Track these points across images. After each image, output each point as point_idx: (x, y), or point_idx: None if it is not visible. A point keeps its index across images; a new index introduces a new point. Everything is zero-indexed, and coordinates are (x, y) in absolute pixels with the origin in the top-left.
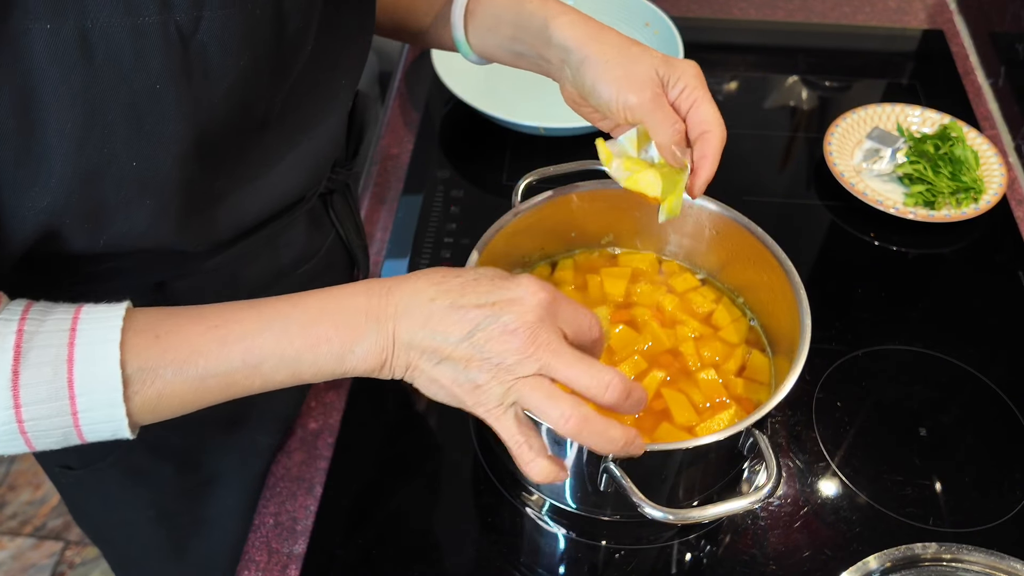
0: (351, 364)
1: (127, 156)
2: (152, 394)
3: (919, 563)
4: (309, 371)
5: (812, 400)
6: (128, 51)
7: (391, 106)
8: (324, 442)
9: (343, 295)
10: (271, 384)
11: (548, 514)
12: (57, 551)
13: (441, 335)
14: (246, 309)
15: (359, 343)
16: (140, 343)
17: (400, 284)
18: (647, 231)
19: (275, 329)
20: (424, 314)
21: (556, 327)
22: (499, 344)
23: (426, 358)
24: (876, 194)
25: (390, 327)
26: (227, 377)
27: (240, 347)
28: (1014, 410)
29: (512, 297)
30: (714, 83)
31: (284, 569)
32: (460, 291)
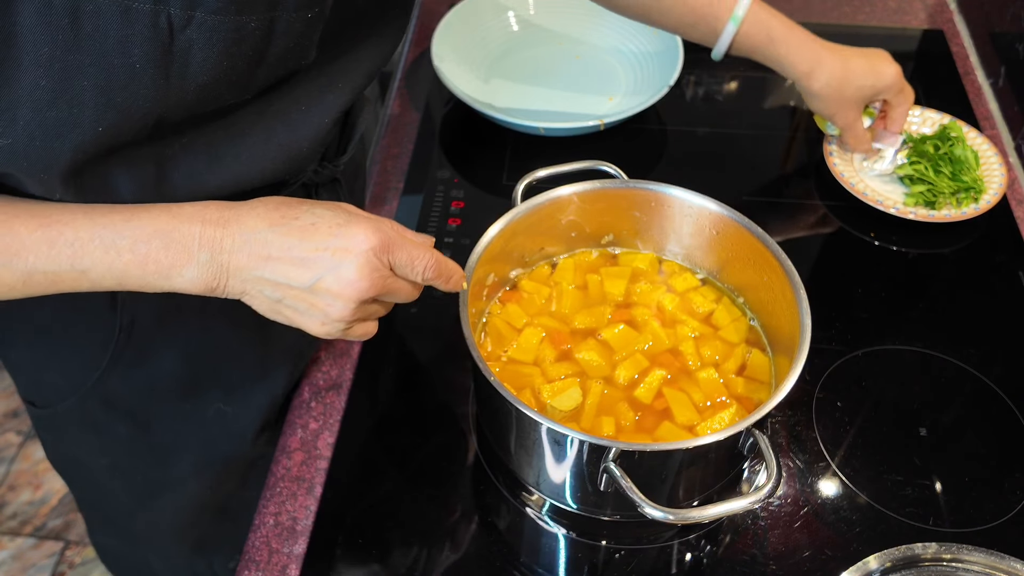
0: (178, 284)
1: (93, 121)
2: None
3: (919, 563)
4: (135, 284)
5: (812, 400)
6: (115, 31)
7: (391, 106)
8: (324, 442)
9: (179, 218)
10: (100, 288)
11: (548, 514)
12: (57, 551)
13: (283, 276)
14: (78, 213)
15: (188, 268)
16: None
17: (237, 217)
18: (647, 231)
19: (105, 240)
20: (263, 258)
21: (388, 269)
22: (341, 291)
23: (268, 291)
24: (876, 194)
25: (224, 259)
26: (54, 276)
27: (68, 252)
28: (1014, 410)
29: (349, 246)
30: (714, 83)
31: (284, 569)
32: (300, 236)
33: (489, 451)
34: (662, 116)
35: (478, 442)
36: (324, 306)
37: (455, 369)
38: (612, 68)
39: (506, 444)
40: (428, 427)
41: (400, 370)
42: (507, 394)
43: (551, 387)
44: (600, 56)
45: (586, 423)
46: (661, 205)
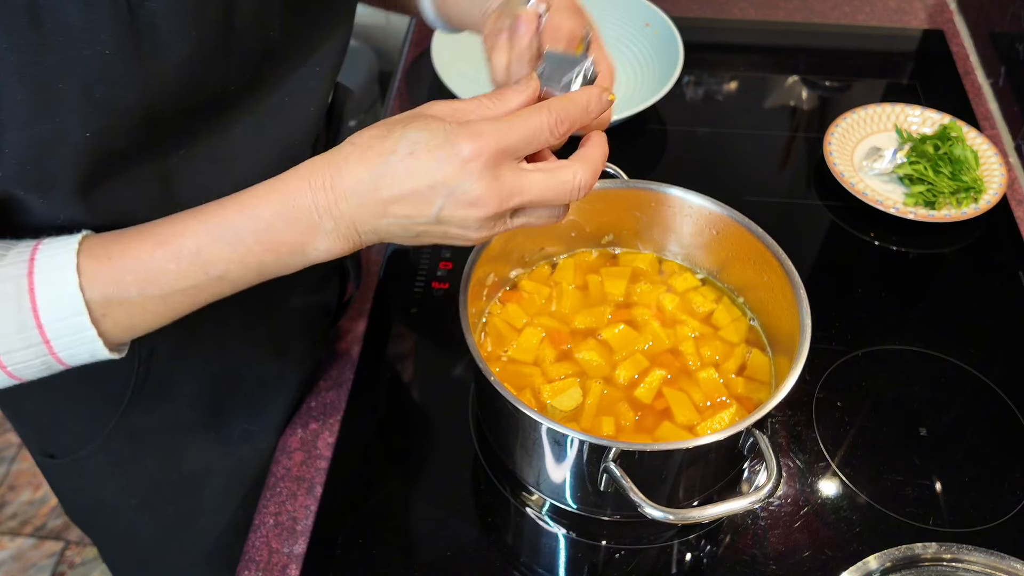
0: (317, 257)
1: (79, 127)
2: (123, 315)
3: (919, 563)
4: (274, 271)
5: (812, 400)
6: (77, 19)
7: (391, 106)
8: (324, 442)
9: (289, 194)
10: (241, 287)
11: (548, 514)
12: (57, 551)
13: (405, 217)
14: (191, 220)
15: (319, 239)
16: (95, 267)
17: (339, 172)
18: (647, 231)
19: (228, 239)
20: (380, 204)
21: (512, 164)
22: (467, 213)
23: (400, 232)
24: (876, 194)
25: (348, 223)
26: (193, 290)
27: (198, 261)
28: (1014, 410)
29: (459, 167)
30: (714, 83)
31: (284, 569)
32: (405, 171)
33: (489, 451)
34: (662, 116)
35: (478, 442)
36: (457, 232)
37: (455, 369)
38: None
39: (506, 444)
40: (428, 427)
41: (400, 370)
42: (507, 394)
43: (551, 387)
44: None
45: (586, 423)
46: (661, 205)
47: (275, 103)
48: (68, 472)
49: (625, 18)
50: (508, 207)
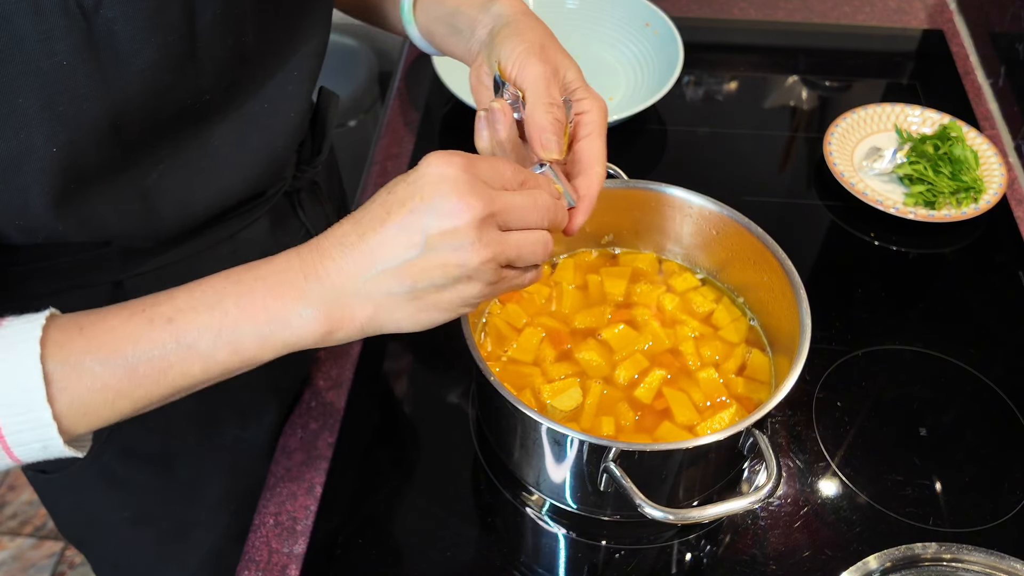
0: (299, 330)
1: (46, 142)
2: (81, 391)
3: (919, 563)
4: (252, 345)
5: (812, 400)
6: (31, 31)
7: (391, 106)
8: (324, 442)
9: (276, 260)
10: (213, 366)
11: (548, 514)
12: (57, 551)
13: (396, 259)
14: (176, 290)
15: (304, 306)
16: (62, 338)
17: (326, 236)
18: (647, 231)
19: (207, 302)
20: (366, 252)
21: (483, 183)
22: (451, 226)
23: (394, 287)
24: (876, 194)
25: (334, 279)
26: (160, 362)
27: (170, 327)
28: (1014, 410)
29: (428, 182)
30: (714, 83)
31: (284, 569)
32: (382, 207)
33: (489, 451)
34: (662, 116)
35: (478, 442)
36: (453, 257)
37: (455, 369)
38: (612, 68)
39: (506, 444)
40: (428, 427)
41: (400, 370)
42: (507, 394)
43: (551, 387)
44: (600, 56)
45: (586, 423)
46: (661, 205)
47: (254, 110)
48: (60, 487)
49: (625, 18)
50: (489, 211)
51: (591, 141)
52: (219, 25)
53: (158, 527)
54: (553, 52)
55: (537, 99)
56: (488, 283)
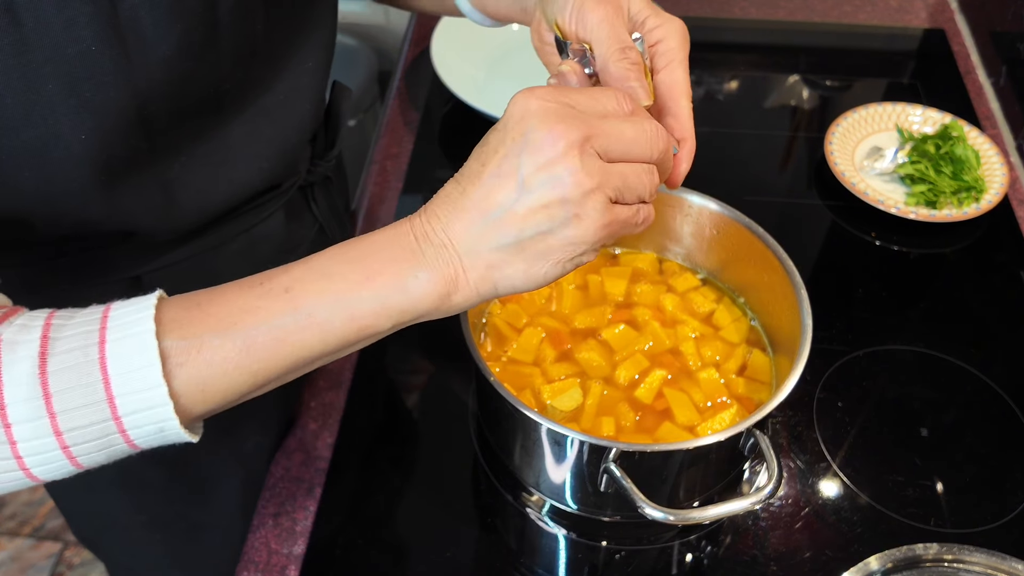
0: (416, 292)
1: (72, 129)
2: (199, 365)
3: (920, 564)
4: (370, 311)
5: (813, 400)
6: (56, 16)
7: (391, 106)
8: (324, 442)
9: (390, 227)
10: (331, 336)
11: (548, 514)
12: (56, 552)
13: (499, 209)
14: (292, 264)
15: (419, 268)
16: (179, 313)
17: (433, 200)
18: (647, 231)
19: (324, 271)
20: (470, 208)
21: (573, 108)
22: (547, 159)
23: (507, 248)
24: (877, 194)
25: (444, 240)
26: (279, 331)
27: (287, 296)
28: (1015, 410)
29: (514, 121)
30: (714, 83)
31: (284, 569)
32: (479, 160)
33: (489, 451)
34: None
35: (478, 442)
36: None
37: (455, 369)
38: None
39: (506, 444)
40: (428, 427)
41: (400, 370)
42: (507, 394)
43: (551, 387)
44: None
45: (586, 423)
46: (661, 205)
47: (268, 103)
48: (77, 490)
49: None
50: (584, 136)
51: (670, 72)
52: (237, 13)
53: (172, 530)
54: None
55: (606, 48)
56: (597, 222)
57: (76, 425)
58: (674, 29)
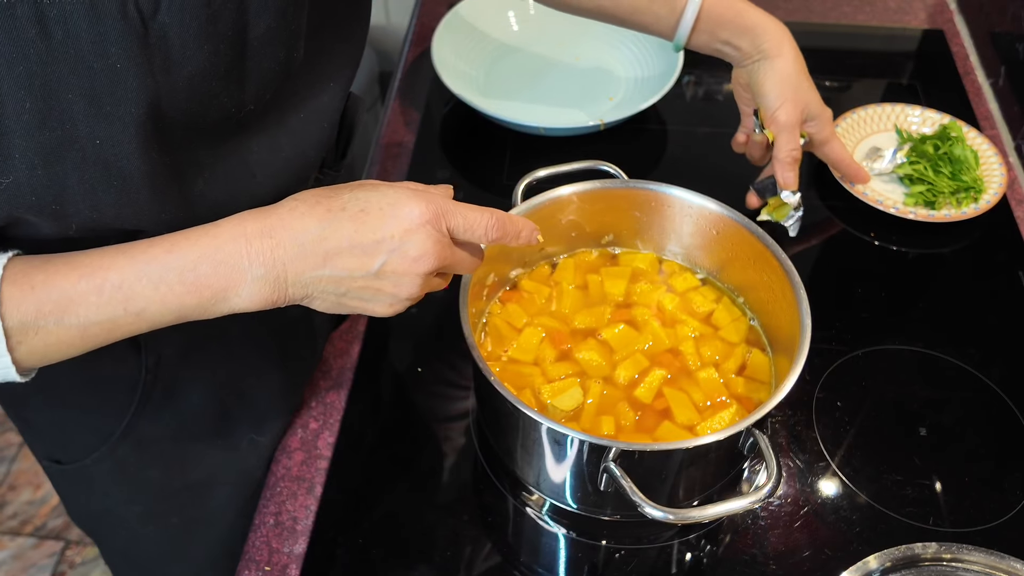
0: (237, 304)
1: (88, 135)
2: (38, 344)
3: (919, 563)
4: (194, 314)
5: (812, 400)
6: (86, 32)
7: (391, 106)
8: (324, 442)
9: (220, 238)
10: (159, 326)
11: (548, 514)
12: (57, 551)
13: (346, 272)
14: (119, 255)
15: (243, 286)
16: (16, 293)
17: (281, 223)
18: (647, 231)
19: (152, 276)
20: (321, 255)
21: (448, 238)
22: (406, 269)
23: (330, 288)
24: (876, 194)
25: (280, 271)
26: (110, 324)
27: (119, 296)
28: (1014, 410)
29: (405, 225)
30: (714, 83)
31: (284, 569)
32: (353, 225)
33: (489, 451)
34: (662, 116)
35: (478, 442)
36: (391, 288)
37: (455, 369)
38: (612, 68)
39: (506, 444)
40: (428, 427)
41: (400, 370)
42: (507, 394)
43: (551, 387)
44: (600, 56)
45: (586, 423)
46: (661, 205)
47: (291, 122)
48: (74, 479)
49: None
50: (443, 266)
51: (830, 147)
52: (271, 38)
53: (168, 523)
54: (801, 98)
55: (783, 144)
56: (398, 309)
57: None
58: (827, 119)
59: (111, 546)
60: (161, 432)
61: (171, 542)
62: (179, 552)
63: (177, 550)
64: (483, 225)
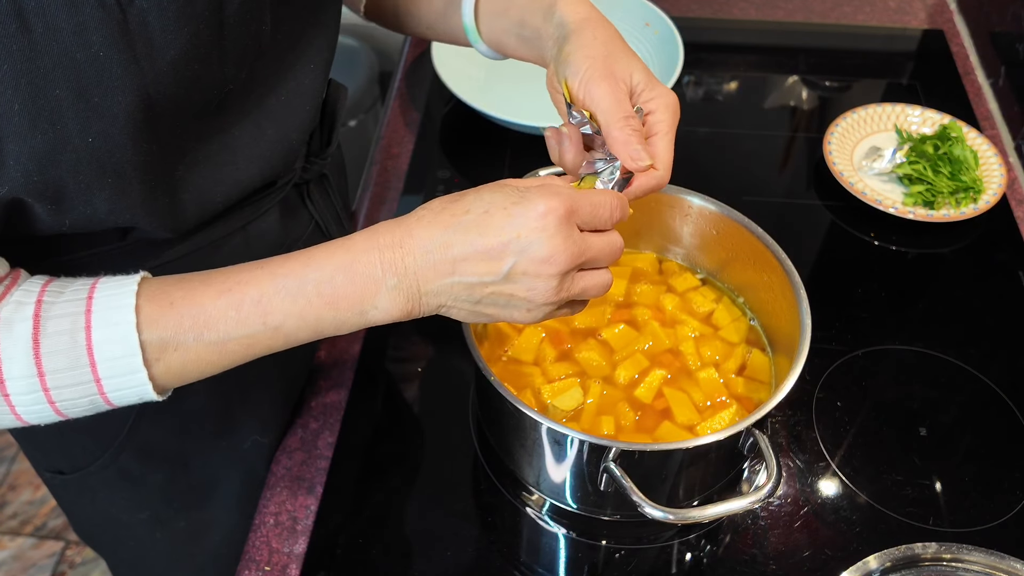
0: (374, 316)
1: (80, 133)
2: (176, 361)
3: (919, 563)
4: (330, 328)
5: (812, 400)
6: (66, 22)
7: (391, 106)
8: (324, 442)
9: (354, 251)
10: (294, 342)
11: (548, 514)
12: (57, 551)
13: (475, 277)
14: (256, 270)
15: (380, 297)
16: (155, 310)
17: (410, 231)
18: (647, 231)
19: (290, 289)
20: (448, 262)
21: (578, 231)
22: (539, 270)
23: (463, 299)
24: (876, 194)
25: (412, 280)
26: (249, 339)
27: (257, 311)
28: (1014, 410)
29: (530, 223)
30: (714, 83)
31: (284, 569)
32: (478, 229)
33: (489, 451)
34: None
35: (478, 442)
36: (524, 293)
37: (455, 369)
38: None
39: (506, 444)
40: (428, 427)
41: (400, 370)
42: (507, 394)
43: (551, 387)
44: None
45: (586, 423)
46: (661, 205)
47: (271, 104)
48: (77, 488)
49: (625, 18)
50: (577, 263)
51: (655, 142)
52: (243, 14)
53: (174, 528)
54: (616, 60)
55: (611, 116)
56: (538, 318)
57: (67, 397)
58: (666, 103)
59: (117, 555)
60: (164, 435)
61: (177, 546)
62: (184, 556)
63: (182, 554)
64: (608, 207)
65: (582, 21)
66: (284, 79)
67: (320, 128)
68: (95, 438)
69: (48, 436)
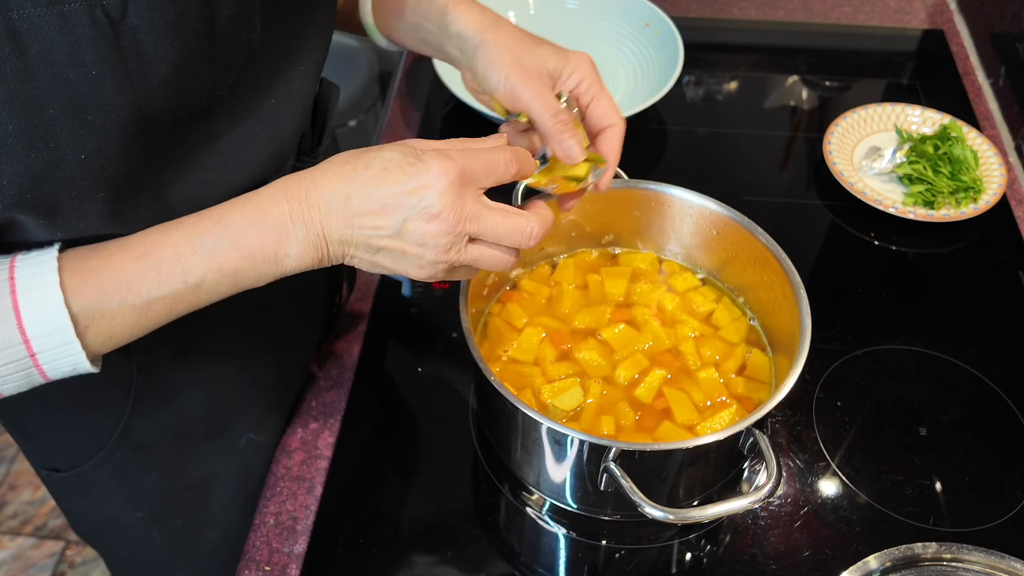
0: (288, 266)
1: (74, 150)
2: (103, 327)
3: (919, 563)
4: (249, 279)
5: (812, 400)
6: (60, 43)
7: (391, 106)
8: (324, 442)
9: (265, 203)
10: (217, 297)
11: (548, 514)
12: (58, 551)
13: (372, 231)
14: (171, 231)
15: (291, 246)
16: (77, 281)
17: (315, 183)
18: (647, 231)
19: (207, 246)
20: (348, 214)
21: (475, 192)
22: (427, 228)
23: (362, 250)
24: (876, 194)
25: (318, 227)
26: (172, 298)
27: (177, 270)
28: (1014, 410)
29: (426, 182)
30: (714, 83)
31: (284, 569)
32: (376, 183)
33: (489, 451)
34: (662, 116)
35: (478, 442)
36: (415, 249)
37: (455, 369)
38: (612, 68)
39: (506, 444)
40: (428, 427)
41: (400, 370)
42: (507, 394)
43: (551, 387)
44: (600, 56)
45: (586, 423)
46: (661, 205)
47: (262, 107)
48: (74, 486)
49: (625, 18)
50: (465, 229)
51: (596, 104)
52: (233, 24)
53: (171, 527)
54: (526, 59)
55: (540, 117)
56: (430, 276)
57: (2, 375)
58: (583, 68)
59: (115, 555)
60: (159, 433)
61: (174, 545)
62: (182, 555)
63: (180, 553)
64: (502, 160)
65: (480, 32)
66: (275, 82)
67: (311, 128)
68: (90, 435)
69: (43, 433)
